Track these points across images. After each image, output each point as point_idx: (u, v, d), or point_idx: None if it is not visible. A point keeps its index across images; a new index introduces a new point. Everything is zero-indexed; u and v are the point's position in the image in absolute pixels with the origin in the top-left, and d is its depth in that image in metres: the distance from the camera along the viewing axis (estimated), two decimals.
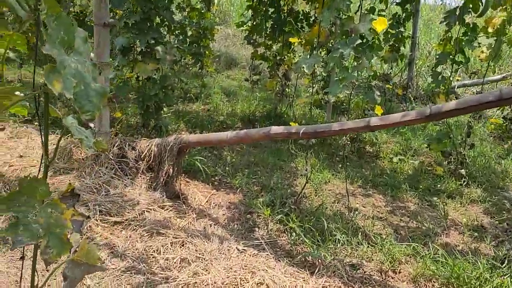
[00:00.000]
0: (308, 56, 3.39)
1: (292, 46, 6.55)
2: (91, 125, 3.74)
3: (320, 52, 6.35)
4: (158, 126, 4.64)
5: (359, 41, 3.10)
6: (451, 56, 4.70)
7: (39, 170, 1.29)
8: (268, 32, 6.31)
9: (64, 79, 1.04)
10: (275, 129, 3.11)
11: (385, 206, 4.25)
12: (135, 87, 4.77)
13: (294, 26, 6.20)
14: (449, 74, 4.88)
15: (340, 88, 3.18)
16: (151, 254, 3.03)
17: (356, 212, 4.00)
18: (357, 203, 4.24)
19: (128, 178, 3.81)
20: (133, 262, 2.94)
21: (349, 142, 5.67)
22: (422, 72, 9.66)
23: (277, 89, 6.77)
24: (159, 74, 4.61)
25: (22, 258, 1.38)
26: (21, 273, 1.39)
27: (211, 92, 7.85)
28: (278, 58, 6.46)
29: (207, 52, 7.84)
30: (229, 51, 10.89)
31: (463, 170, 4.82)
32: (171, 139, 3.69)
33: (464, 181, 4.76)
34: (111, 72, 4.34)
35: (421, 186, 4.69)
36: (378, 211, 4.12)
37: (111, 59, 4.13)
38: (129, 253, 3.01)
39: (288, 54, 6.53)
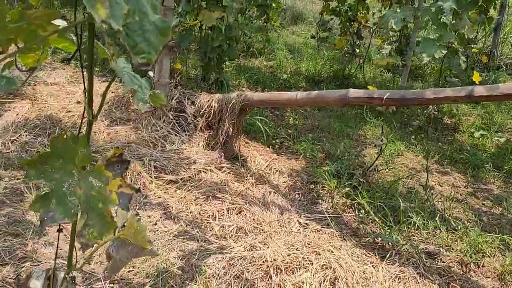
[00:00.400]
0: (398, 9, 2.91)
1: (367, 2, 5.96)
2: (150, 73, 3.48)
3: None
4: (219, 80, 4.34)
5: None
6: None
7: (80, 127, 0.99)
8: None
9: (112, 2, 0.72)
10: (354, 92, 2.70)
11: (465, 187, 3.78)
12: (197, 36, 4.46)
13: None
14: None
15: (436, 48, 2.70)
16: (206, 220, 2.79)
17: (433, 191, 3.57)
18: (433, 181, 3.79)
19: (185, 134, 3.56)
20: (186, 226, 2.71)
21: (426, 112, 5.13)
22: (509, 39, 8.67)
23: (347, 48, 6.24)
24: (224, 23, 4.25)
25: (59, 230, 1.13)
26: (56, 249, 1.15)
27: (274, 48, 7.41)
28: (350, 13, 5.89)
29: (273, 4, 7.35)
30: (296, 5, 10.29)
31: None
32: (233, 95, 3.37)
33: None
34: (174, 19, 4.04)
35: (506, 167, 4.14)
36: (457, 192, 3.67)
37: (175, 4, 3.82)
38: (182, 216, 2.79)
39: (362, 10, 5.94)
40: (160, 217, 2.75)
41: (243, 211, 2.90)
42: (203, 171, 3.26)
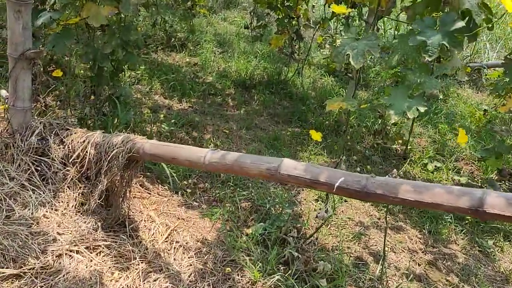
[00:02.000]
0: (356, 35, 1.97)
1: None
2: (2, 92, 2.31)
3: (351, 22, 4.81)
4: (115, 96, 3.22)
5: (461, 23, 1.69)
6: None
7: None
8: None
9: None
10: (289, 166, 1.74)
11: (423, 252, 3.00)
12: (82, 37, 3.28)
13: None
14: None
15: (412, 103, 1.80)
16: None
17: (386, 263, 2.75)
18: (387, 243, 2.97)
19: (48, 190, 2.45)
20: None
21: (370, 137, 4.34)
22: None
23: (284, 49, 5.28)
24: (120, 21, 3.12)
25: None
26: None
27: (201, 38, 6.30)
28: (289, 8, 4.90)
29: None
30: None
31: None
32: (117, 140, 2.30)
33: None
34: (44, 15, 2.85)
35: (468, 217, 3.42)
36: (414, 261, 2.87)
37: None
38: None
39: (302, 5, 4.99)
40: None
41: None
42: (67, 255, 2.19)
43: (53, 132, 2.55)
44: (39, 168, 2.50)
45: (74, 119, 2.81)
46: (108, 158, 2.27)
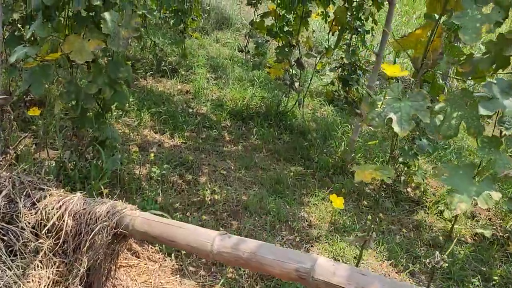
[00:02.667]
0: (401, 95, 1.62)
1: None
2: None
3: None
4: (100, 140, 2.81)
5: None
6: None
7: None
8: None
9: None
10: (324, 269, 1.35)
11: None
12: (63, 74, 2.88)
13: None
14: None
15: (479, 188, 1.44)
16: None
17: None
18: None
19: (16, 266, 2.01)
20: None
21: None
22: None
23: (283, 78, 4.92)
24: (108, 57, 2.72)
25: None
26: None
27: (194, 62, 5.92)
28: (289, 34, 4.55)
29: (193, 8, 5.85)
30: (222, 6, 8.80)
31: None
32: (101, 210, 1.89)
33: None
34: (20, 50, 2.43)
35: (495, 277, 3.07)
36: None
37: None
38: None
39: (304, 32, 4.65)
40: None
41: None
42: None
43: (24, 193, 2.13)
44: (5, 238, 2.07)
45: (51, 175, 2.38)
46: (90, 233, 1.85)
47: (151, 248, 2.64)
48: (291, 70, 4.75)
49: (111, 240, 1.88)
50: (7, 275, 1.97)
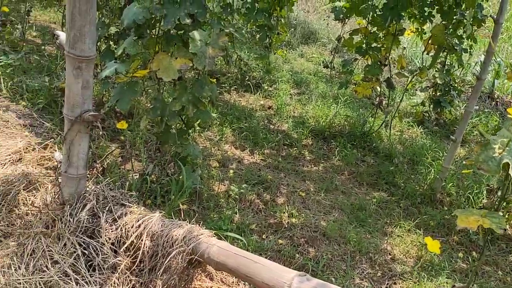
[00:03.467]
0: None
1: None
2: (57, 155, 1.95)
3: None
4: (182, 156, 2.82)
5: None
6: None
7: None
8: (376, 14, 4.19)
9: None
10: None
11: None
12: (149, 92, 2.93)
13: (418, 10, 4.06)
14: None
15: None
16: None
17: None
18: None
19: (94, 282, 2.04)
20: None
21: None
22: None
23: (371, 97, 4.71)
24: (193, 75, 2.73)
25: None
26: None
27: (277, 76, 5.87)
28: (377, 51, 4.32)
29: (280, 23, 5.82)
30: (309, 20, 8.72)
31: None
32: (178, 235, 1.85)
33: None
34: (110, 66, 2.51)
35: None
36: None
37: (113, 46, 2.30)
38: None
39: (395, 50, 4.42)
40: None
41: None
42: None
43: (107, 208, 2.16)
44: (86, 252, 2.11)
45: (133, 190, 2.41)
46: (166, 256, 1.82)
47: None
48: (379, 89, 4.53)
49: (186, 265, 1.84)
50: None
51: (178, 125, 2.85)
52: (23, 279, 1.97)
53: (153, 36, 2.62)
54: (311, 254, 2.90)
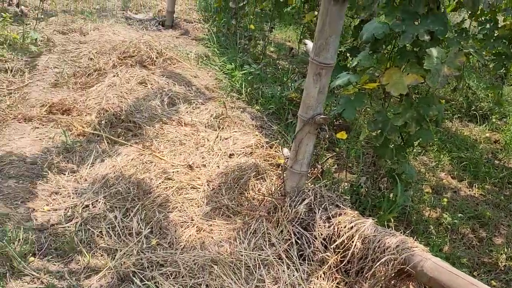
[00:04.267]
0: None
1: None
2: (285, 152, 2.20)
3: None
4: (396, 173, 2.81)
5: None
6: None
7: None
8: None
9: None
10: None
11: None
12: (373, 104, 2.99)
13: None
14: None
15: None
16: None
17: None
18: None
19: (302, 270, 2.20)
20: None
21: None
22: None
23: None
24: (422, 91, 2.70)
25: None
26: None
27: (508, 111, 5.30)
28: None
29: None
30: None
31: None
32: (391, 243, 1.86)
33: None
34: (343, 76, 2.68)
35: None
36: None
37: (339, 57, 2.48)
38: None
39: None
40: None
41: None
42: None
43: (322, 206, 2.31)
44: (299, 242, 2.29)
45: (347, 197, 2.51)
46: (376, 261, 1.85)
47: None
48: None
49: (394, 275, 1.84)
50: (294, 276, 2.17)
51: (397, 141, 2.85)
52: (244, 252, 2.25)
53: (387, 51, 2.70)
54: None
